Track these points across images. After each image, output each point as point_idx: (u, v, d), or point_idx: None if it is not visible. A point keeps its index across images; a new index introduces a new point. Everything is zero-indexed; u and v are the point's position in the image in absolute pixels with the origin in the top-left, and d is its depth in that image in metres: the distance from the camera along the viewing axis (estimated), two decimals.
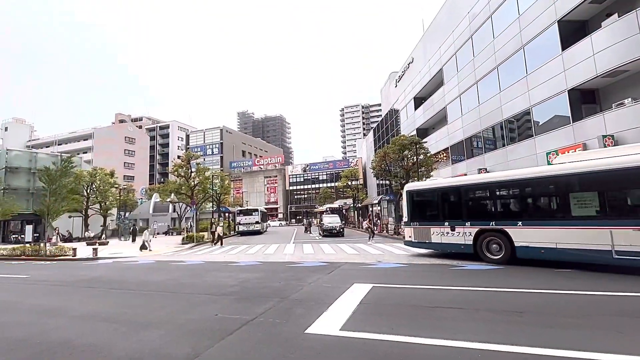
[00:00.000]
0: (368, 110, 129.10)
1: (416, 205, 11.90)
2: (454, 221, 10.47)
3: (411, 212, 11.77)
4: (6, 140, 70.27)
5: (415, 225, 11.59)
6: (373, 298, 5.88)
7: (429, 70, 32.12)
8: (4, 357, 3.95)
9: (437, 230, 10.82)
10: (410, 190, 12.08)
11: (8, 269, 12.72)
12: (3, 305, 6.88)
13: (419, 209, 11.87)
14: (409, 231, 11.75)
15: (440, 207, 11.22)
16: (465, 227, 10.08)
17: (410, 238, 11.71)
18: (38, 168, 26.28)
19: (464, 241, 10.02)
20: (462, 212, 10.46)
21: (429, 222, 11.25)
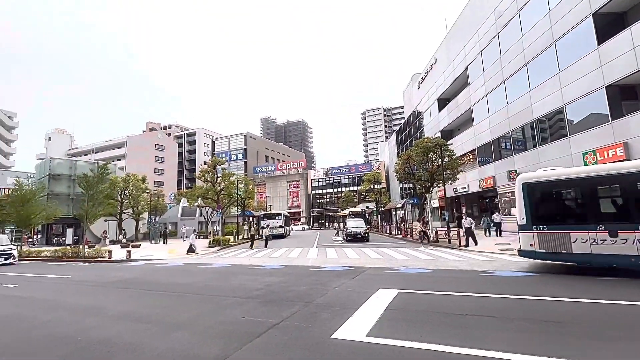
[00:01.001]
0: (390, 113, 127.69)
1: (542, 201, 9.08)
2: (617, 224, 7.63)
3: (534, 212, 8.80)
4: (49, 149, 75.78)
5: (541, 230, 8.54)
6: (399, 304, 5.77)
7: (453, 71, 31.37)
8: (50, 352, 4.22)
9: (582, 237, 7.92)
10: (530, 182, 9.01)
11: (51, 270, 13.61)
12: (48, 304, 7.36)
13: (547, 207, 9.09)
14: (530, 238, 8.74)
15: (588, 204, 8.35)
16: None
17: (530, 247, 8.71)
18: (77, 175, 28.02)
19: (638, 252, 7.22)
20: (630, 210, 7.65)
21: (568, 225, 8.39)
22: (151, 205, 34.95)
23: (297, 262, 12.86)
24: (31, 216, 20.47)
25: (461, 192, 30.18)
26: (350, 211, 40.25)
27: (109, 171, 21.13)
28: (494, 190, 25.00)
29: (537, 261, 9.41)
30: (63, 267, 14.56)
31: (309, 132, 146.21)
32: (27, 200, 20.35)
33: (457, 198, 32.57)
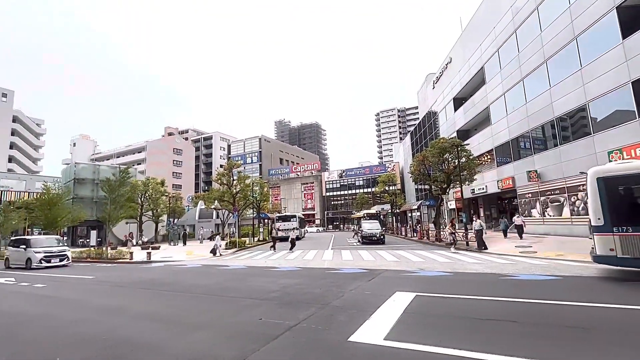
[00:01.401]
0: (404, 113, 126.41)
1: (626, 198, 7.89)
2: None
3: (614, 211, 7.61)
4: (74, 154, 79.06)
5: (625, 232, 7.35)
6: (417, 307, 5.70)
7: (469, 70, 30.79)
8: (76, 351, 4.39)
9: None
10: (608, 177, 7.84)
11: (77, 271, 14.17)
12: (75, 304, 7.67)
13: (631, 204, 7.87)
14: (609, 241, 7.50)
15: None
16: None
17: (611, 252, 7.48)
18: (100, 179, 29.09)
19: None
20: None
21: None
22: (170, 208, 35.84)
23: (312, 264, 12.90)
24: (58, 219, 21.37)
25: (479, 193, 29.51)
26: (364, 213, 40.03)
27: (129, 175, 21.84)
28: (513, 191, 24.33)
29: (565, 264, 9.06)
30: (87, 268, 15.13)
31: (322, 134, 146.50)
32: (54, 203, 21.28)
33: (474, 199, 31.86)
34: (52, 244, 17.02)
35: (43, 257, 15.60)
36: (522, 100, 22.56)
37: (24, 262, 15.90)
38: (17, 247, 16.80)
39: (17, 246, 16.85)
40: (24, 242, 16.71)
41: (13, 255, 16.80)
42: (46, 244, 16.57)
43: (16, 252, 16.57)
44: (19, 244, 16.87)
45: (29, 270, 15.04)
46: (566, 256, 11.57)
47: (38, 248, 15.93)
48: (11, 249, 17.27)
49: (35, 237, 18.41)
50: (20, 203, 29.95)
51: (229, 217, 31.78)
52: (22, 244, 16.64)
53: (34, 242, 16.50)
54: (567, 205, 18.83)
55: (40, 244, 16.36)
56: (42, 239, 17.78)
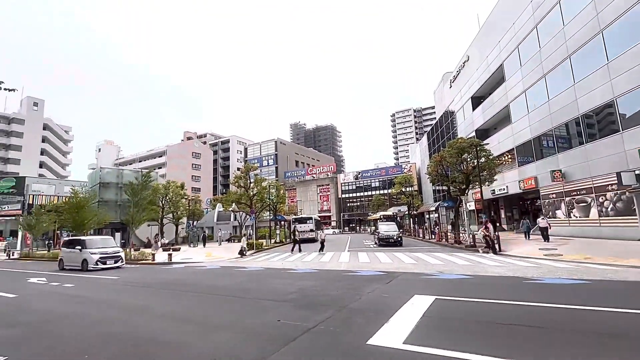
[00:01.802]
0: (420, 114, 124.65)
1: None
2: None
3: None
4: (99, 159, 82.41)
5: None
6: (436, 311, 5.60)
7: (487, 67, 30.06)
8: (104, 348, 4.58)
9: None
10: None
11: (103, 270, 14.71)
12: (101, 303, 7.98)
13: None
14: None
15: None
16: None
17: None
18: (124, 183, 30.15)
19: None
20: None
21: None
22: (189, 210, 36.73)
23: (329, 267, 12.89)
24: (85, 221, 22.32)
25: (499, 194, 28.68)
26: (381, 215, 39.60)
27: (151, 179, 22.55)
28: (536, 192, 23.51)
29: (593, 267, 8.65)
30: (112, 269, 15.68)
31: (337, 136, 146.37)
32: (81, 207, 22.24)
33: (495, 200, 30.98)
34: (107, 244, 16.54)
35: (99, 258, 15.11)
36: (544, 97, 21.81)
37: (79, 263, 15.39)
38: (72, 248, 16.20)
39: (72, 247, 16.24)
40: (79, 243, 16.06)
41: (68, 257, 16.29)
42: (101, 245, 16.09)
43: (71, 253, 16.06)
44: (74, 245, 16.25)
45: (85, 272, 14.62)
46: (594, 259, 11.07)
47: (94, 249, 15.46)
48: (65, 250, 16.71)
49: (90, 238, 17.58)
50: (51, 206, 31.47)
51: (246, 219, 32.25)
52: (77, 244, 16.02)
53: (89, 243, 15.95)
54: (595, 206, 18.02)
55: (95, 245, 15.88)
56: (97, 239, 17.23)
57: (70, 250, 16.15)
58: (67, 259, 16.30)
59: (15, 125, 64.04)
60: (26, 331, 5.58)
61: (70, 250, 16.23)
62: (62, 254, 16.86)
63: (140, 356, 4.22)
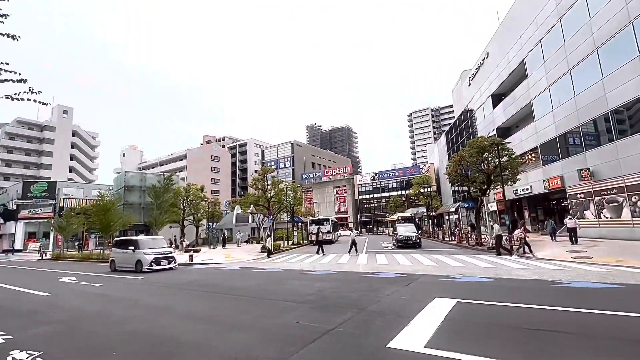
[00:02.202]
0: (438, 113, 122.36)
1: None
2: None
3: None
4: (124, 163, 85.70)
5: None
6: (459, 315, 5.46)
7: (508, 64, 29.16)
8: (130, 346, 4.75)
9: None
10: None
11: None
12: (127, 302, 8.28)
13: None
14: None
15: None
16: None
17: None
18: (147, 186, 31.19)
19: None
20: None
21: None
22: (209, 212, 37.53)
23: (347, 268, 12.84)
24: (111, 223, 23.24)
25: (522, 194, 27.69)
26: (399, 216, 39.06)
27: (173, 182, 23.24)
28: (562, 191, 22.54)
29: (626, 271, 8.23)
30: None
31: (354, 137, 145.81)
32: (107, 209, 23.18)
33: (517, 201, 29.93)
34: (159, 244, 15.91)
35: (153, 259, 14.57)
36: (569, 93, 20.91)
37: (132, 264, 14.86)
38: (124, 248, 15.69)
39: (124, 248, 15.74)
40: (131, 243, 15.54)
41: (120, 258, 15.79)
42: (153, 245, 15.53)
43: (123, 254, 15.55)
44: (127, 245, 15.74)
45: (139, 273, 14.17)
46: (627, 262, 10.49)
47: (147, 249, 14.90)
48: (117, 251, 16.24)
49: (142, 238, 16.90)
50: (80, 209, 32.96)
51: (264, 220, 32.62)
52: (129, 245, 15.50)
53: (142, 243, 15.38)
54: (627, 206, 17.08)
55: (148, 245, 15.33)
56: (149, 239, 16.58)
57: (123, 251, 15.68)
58: (119, 260, 15.81)
59: (47, 133, 67.66)
60: (59, 328, 5.87)
61: (122, 251, 15.79)
62: (114, 255, 16.41)
63: (162, 354, 4.35)
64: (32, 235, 44.69)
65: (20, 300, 8.96)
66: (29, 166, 65.98)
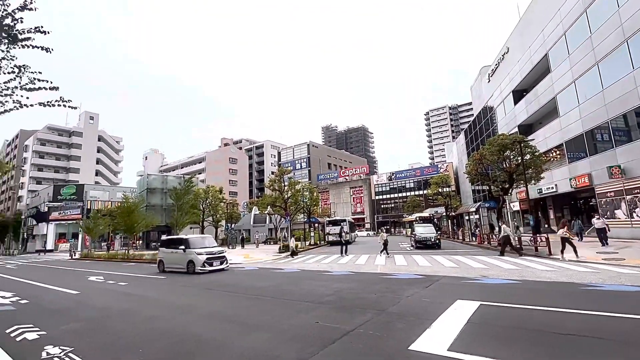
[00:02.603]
0: (456, 111, 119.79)
1: None
2: None
3: None
4: (146, 166, 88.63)
5: None
6: (482, 317, 5.31)
7: (529, 58, 28.18)
8: (154, 343, 4.88)
9: None
10: None
11: (152, 270, 15.70)
12: (151, 301, 8.54)
13: None
14: None
15: None
16: None
17: None
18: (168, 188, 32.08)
19: None
20: None
21: None
22: (227, 213, 38.20)
23: (365, 269, 12.74)
24: (135, 225, 24.06)
25: (547, 193, 26.66)
26: (417, 216, 38.43)
27: (193, 184, 23.79)
28: (590, 190, 21.54)
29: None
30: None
31: (369, 138, 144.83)
32: (131, 211, 24.01)
33: (542, 200, 28.84)
34: (210, 243, 15.05)
35: (206, 259, 13.64)
36: (597, 87, 19.98)
37: (183, 265, 13.98)
38: (174, 248, 14.82)
39: (173, 247, 14.88)
40: (181, 242, 14.63)
41: (169, 258, 14.93)
42: (204, 244, 14.69)
43: (173, 254, 14.69)
44: (176, 244, 14.83)
45: (191, 275, 13.35)
46: None
47: (199, 249, 14.03)
48: (165, 251, 15.37)
49: (193, 237, 15.89)
50: (105, 211, 34.32)
51: (281, 221, 32.89)
52: (179, 244, 14.60)
53: (193, 242, 14.47)
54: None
55: (200, 244, 14.49)
56: (199, 238, 15.73)
57: (172, 251, 14.79)
58: (168, 260, 14.96)
59: (75, 138, 70.96)
60: (88, 325, 6.12)
61: (171, 250, 14.89)
62: (162, 255, 15.52)
63: (185, 352, 4.44)
64: (62, 235, 46.97)
65: (52, 298, 9.41)
66: (59, 170, 69.31)
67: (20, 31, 4.65)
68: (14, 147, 74.87)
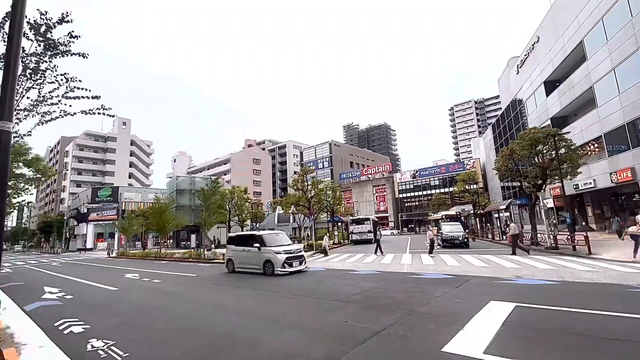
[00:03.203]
0: (482, 105, 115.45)
1: None
2: None
3: None
4: (175, 169, 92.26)
5: None
6: (519, 320, 5.10)
7: (562, 47, 26.63)
8: (188, 339, 5.06)
9: None
10: None
11: (183, 269, 16.33)
12: (184, 298, 8.86)
13: None
14: None
15: None
16: None
17: None
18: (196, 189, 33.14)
19: None
20: None
21: None
22: (252, 213, 38.96)
23: (391, 268, 12.58)
24: (166, 224, 25.08)
25: (584, 189, 25.09)
26: (443, 214, 37.38)
27: (219, 185, 24.45)
28: (634, 185, 20.06)
29: None
30: (190, 267, 17.30)
31: (392, 135, 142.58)
32: (162, 211, 25.06)
33: (578, 196, 27.20)
34: (284, 241, 13.20)
35: (286, 259, 11.87)
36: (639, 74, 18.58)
37: (258, 265, 12.25)
38: (246, 245, 13.02)
39: (246, 245, 13.09)
40: (255, 239, 12.77)
41: (241, 257, 13.21)
42: (279, 241, 12.87)
43: (245, 252, 12.98)
44: (249, 241, 13.04)
45: (270, 276, 11.62)
46: None
47: (275, 247, 12.24)
48: (236, 249, 13.57)
49: (267, 233, 13.86)
50: (139, 211, 36.02)
51: (304, 220, 33.10)
52: (253, 241, 12.72)
53: (268, 239, 12.64)
54: None
55: (275, 242, 12.67)
56: (273, 235, 13.72)
57: (244, 249, 13.09)
58: (240, 259, 13.28)
59: (110, 143, 75.06)
60: (126, 320, 6.47)
61: (243, 248, 13.18)
62: (231, 254, 13.80)
63: (219, 349, 4.58)
64: (100, 235, 49.85)
65: (94, 294, 10.01)
66: (96, 173, 73.51)
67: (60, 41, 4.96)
68: (56, 152, 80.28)
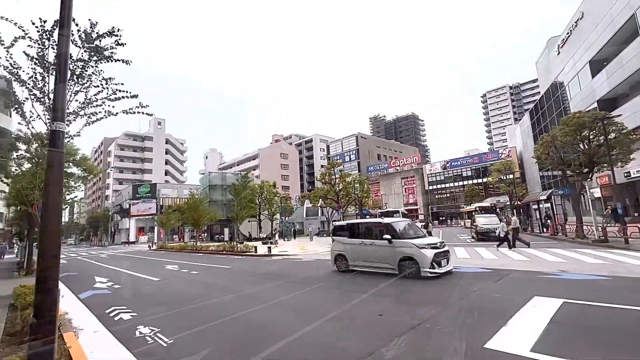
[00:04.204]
0: (518, 90, 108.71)
1: None
2: None
3: None
4: (207, 165, 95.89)
5: None
6: (568, 317, 4.79)
7: (611, 22, 24.30)
8: (226, 327, 5.28)
9: None
10: None
11: (218, 261, 17.01)
12: (221, 289, 9.22)
13: None
14: None
15: None
16: None
17: None
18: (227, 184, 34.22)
19: None
20: None
21: None
22: (282, 207, 39.66)
23: None
24: (200, 219, 26.19)
25: (637, 177, 23.00)
26: (477, 206, 35.91)
27: (249, 180, 25.11)
28: None
29: None
30: (224, 259, 17.96)
31: (420, 126, 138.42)
32: (197, 206, 26.18)
33: (629, 185, 24.97)
34: (416, 231, 9.74)
35: (434, 256, 8.42)
36: None
37: (393, 263, 8.92)
38: (367, 237, 9.86)
39: (365, 236, 9.95)
40: (384, 228, 9.37)
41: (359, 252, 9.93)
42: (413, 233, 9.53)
43: (367, 246, 9.68)
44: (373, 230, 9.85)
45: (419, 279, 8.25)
46: None
47: (413, 239, 8.95)
48: (349, 242, 10.35)
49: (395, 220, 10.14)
50: (175, 207, 37.88)
51: (333, 214, 33.21)
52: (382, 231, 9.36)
53: (402, 230, 9.35)
54: None
55: (410, 233, 9.41)
56: (402, 223, 9.99)
57: (363, 242, 9.86)
58: (357, 255, 10.03)
59: (147, 142, 79.35)
60: (169, 309, 6.83)
61: (362, 241, 9.91)
62: (342, 247, 10.58)
63: (256, 338, 4.71)
64: (141, 229, 53.11)
65: (139, 284, 10.70)
66: (135, 171, 78.11)
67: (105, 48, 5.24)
68: (100, 152, 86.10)
